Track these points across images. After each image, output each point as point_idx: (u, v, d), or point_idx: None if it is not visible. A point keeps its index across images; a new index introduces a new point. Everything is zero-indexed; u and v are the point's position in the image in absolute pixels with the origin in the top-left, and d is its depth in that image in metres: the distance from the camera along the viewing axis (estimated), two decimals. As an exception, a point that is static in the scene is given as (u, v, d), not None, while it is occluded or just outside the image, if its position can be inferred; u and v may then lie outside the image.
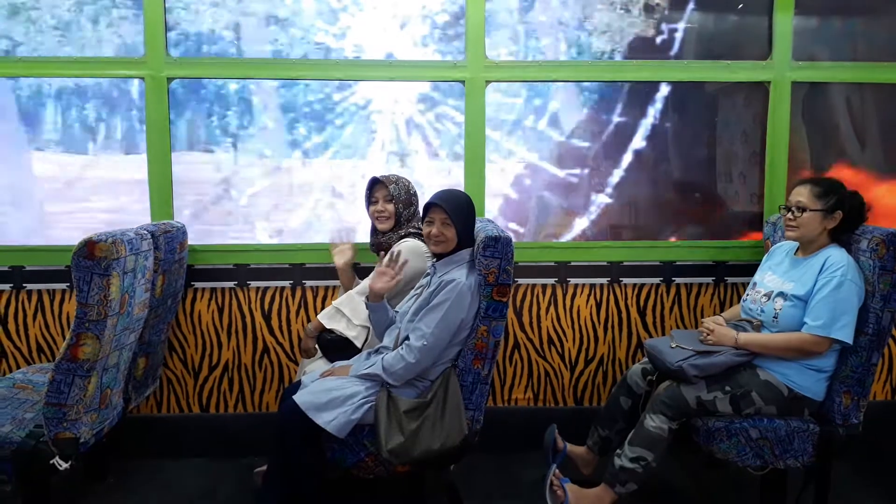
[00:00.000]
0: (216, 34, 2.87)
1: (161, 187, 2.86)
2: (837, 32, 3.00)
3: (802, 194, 2.34)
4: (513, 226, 3.01)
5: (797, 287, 2.30)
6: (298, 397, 2.14)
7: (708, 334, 2.35)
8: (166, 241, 2.53)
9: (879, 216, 2.86)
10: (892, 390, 3.07)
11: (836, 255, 2.27)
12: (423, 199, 2.70)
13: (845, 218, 2.32)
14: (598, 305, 2.99)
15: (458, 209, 2.21)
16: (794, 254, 2.44)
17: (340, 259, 2.70)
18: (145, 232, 2.40)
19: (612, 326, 3.00)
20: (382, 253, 2.43)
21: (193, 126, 2.95)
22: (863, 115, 3.05)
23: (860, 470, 2.79)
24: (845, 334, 2.20)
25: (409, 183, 2.59)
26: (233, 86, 2.91)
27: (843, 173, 3.04)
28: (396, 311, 2.34)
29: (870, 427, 2.43)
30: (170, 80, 2.82)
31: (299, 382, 2.33)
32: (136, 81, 2.88)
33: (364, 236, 2.72)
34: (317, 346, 2.53)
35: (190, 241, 2.82)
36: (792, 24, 2.89)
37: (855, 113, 3.04)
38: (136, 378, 2.56)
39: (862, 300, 2.23)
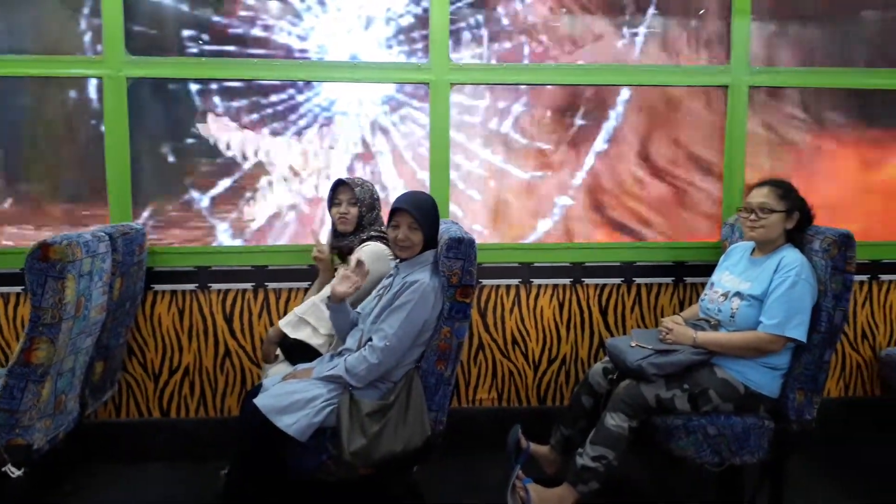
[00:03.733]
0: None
1: (120, 189, 2.81)
2: (794, 38, 3.06)
3: (765, 195, 2.39)
4: (477, 227, 3.02)
5: (753, 287, 2.36)
6: (259, 401, 2.12)
7: (667, 333, 2.39)
8: (124, 243, 2.49)
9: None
10: (846, 387, 3.16)
11: (790, 256, 2.33)
12: (386, 201, 2.72)
13: (800, 218, 2.38)
14: (561, 306, 3.02)
15: (424, 213, 2.21)
16: (751, 254, 2.49)
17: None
18: (103, 234, 2.36)
19: (575, 326, 3.03)
20: (345, 257, 2.41)
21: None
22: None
23: (814, 464, 2.86)
24: (799, 333, 2.25)
25: (373, 187, 2.59)
26: (194, 86, 2.86)
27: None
28: (359, 312, 2.34)
29: (824, 423, 2.49)
30: (129, 79, 2.78)
31: (261, 385, 2.31)
32: (93, 81, 2.82)
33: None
34: (279, 350, 2.51)
35: (149, 243, 2.78)
36: (749, 29, 2.96)
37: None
38: (94, 383, 2.51)
39: (815, 299, 2.30)
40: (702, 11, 3.00)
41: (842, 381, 3.16)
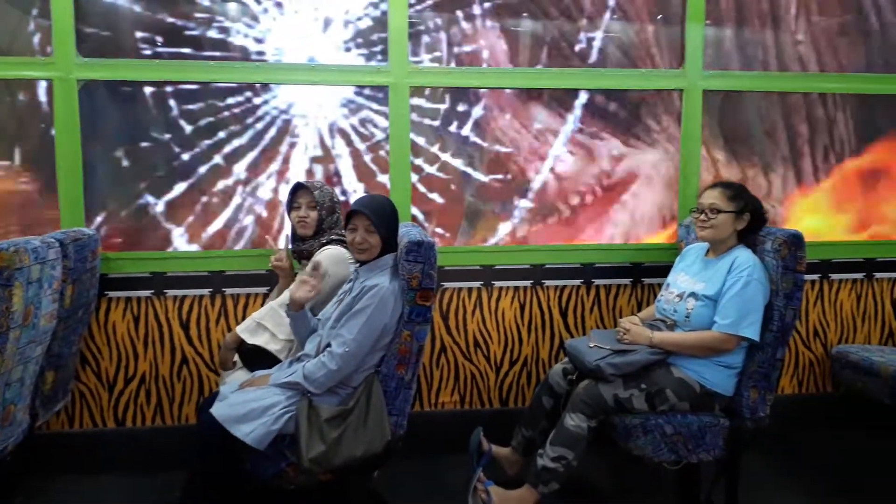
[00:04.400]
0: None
1: (72, 194, 2.75)
2: (748, 43, 3.13)
3: (715, 196, 2.45)
4: (438, 230, 3.02)
5: (707, 287, 2.40)
6: (216, 410, 2.08)
7: (624, 334, 2.43)
8: (76, 249, 2.43)
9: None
10: (799, 384, 3.24)
11: (742, 256, 2.37)
12: (346, 204, 2.71)
13: (752, 219, 2.43)
14: (522, 307, 3.04)
15: (381, 216, 2.19)
16: (705, 255, 2.54)
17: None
18: (53, 240, 2.30)
19: (536, 328, 3.05)
20: (305, 261, 2.39)
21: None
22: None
23: (769, 460, 2.93)
24: (752, 332, 2.30)
25: (333, 190, 2.57)
26: (148, 88, 2.80)
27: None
28: (319, 319, 2.32)
29: (778, 419, 2.55)
30: (79, 82, 2.72)
31: (217, 393, 2.27)
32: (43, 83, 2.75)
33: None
34: (236, 357, 2.48)
35: (103, 249, 2.72)
36: (703, 34, 3.02)
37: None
38: (44, 393, 2.45)
39: (767, 299, 2.35)
40: (659, 17, 3.04)
41: (795, 378, 3.23)
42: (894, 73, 3.22)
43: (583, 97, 3.04)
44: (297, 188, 2.52)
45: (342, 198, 2.89)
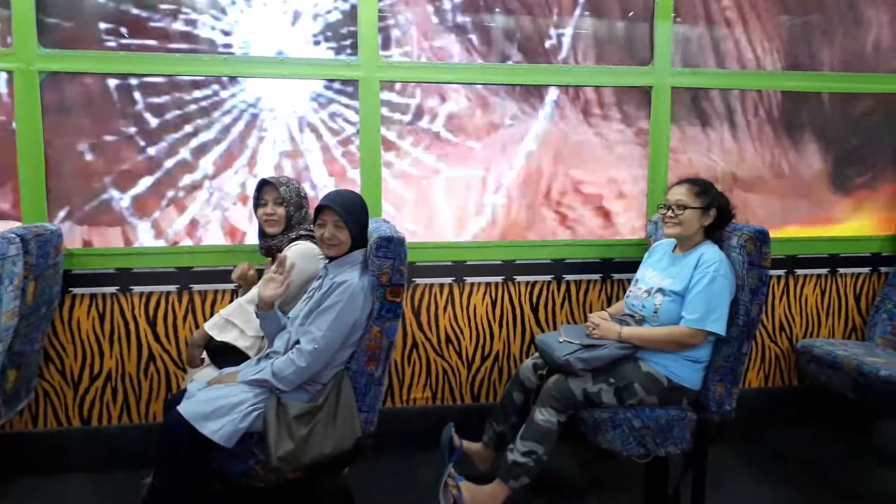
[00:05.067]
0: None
1: (34, 188, 2.69)
2: (718, 40, 3.16)
3: (682, 193, 2.47)
4: (410, 226, 3.01)
5: (675, 283, 2.42)
6: (183, 407, 2.06)
7: (594, 329, 2.44)
8: (38, 244, 2.38)
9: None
10: (766, 377, 3.29)
11: (709, 252, 2.40)
12: (315, 199, 2.68)
13: (718, 215, 2.46)
14: (494, 303, 3.04)
15: (350, 211, 2.18)
16: (672, 251, 2.56)
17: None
18: (13, 235, 2.25)
19: (507, 323, 3.06)
20: (270, 260, 2.36)
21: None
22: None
23: (736, 453, 2.98)
24: (719, 326, 2.33)
25: (300, 185, 2.54)
26: (112, 80, 2.75)
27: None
28: (289, 318, 2.29)
29: (745, 412, 2.59)
30: (41, 73, 2.65)
31: (185, 391, 2.24)
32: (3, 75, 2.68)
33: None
34: (204, 354, 2.45)
35: (67, 245, 2.67)
36: (671, 32, 3.04)
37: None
38: (6, 392, 2.40)
39: (733, 294, 2.38)
40: (630, 14, 3.06)
41: (762, 372, 3.29)
42: (861, 72, 3.28)
43: (553, 93, 3.05)
44: (263, 184, 2.49)
45: (311, 193, 2.86)
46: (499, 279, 3.03)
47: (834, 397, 3.07)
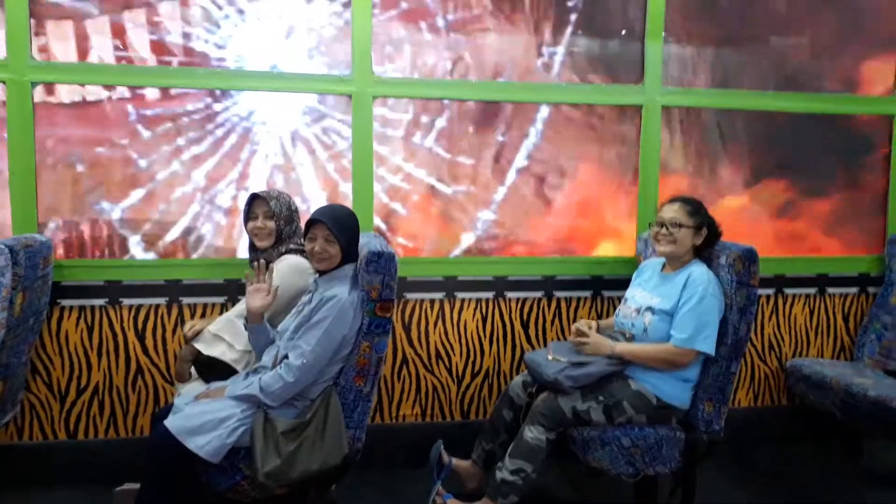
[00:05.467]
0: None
1: (24, 199, 2.68)
2: (708, 60, 3.19)
3: (675, 211, 2.48)
4: (401, 240, 3.01)
5: (664, 302, 2.43)
6: (170, 422, 2.04)
7: (583, 344, 2.44)
8: (27, 256, 2.37)
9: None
10: (755, 397, 3.29)
11: (698, 272, 2.41)
12: (306, 213, 2.68)
13: (707, 234, 2.48)
14: (484, 319, 3.04)
15: (341, 225, 2.18)
16: (661, 270, 2.57)
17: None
18: (2, 246, 2.24)
19: (498, 340, 3.06)
20: (253, 266, 2.35)
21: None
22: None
23: (725, 472, 2.97)
24: (708, 345, 2.34)
25: (291, 199, 2.54)
26: (104, 92, 2.75)
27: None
28: (277, 331, 2.29)
29: (735, 431, 2.59)
30: (33, 84, 2.66)
31: (172, 405, 2.23)
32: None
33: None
34: (192, 368, 2.43)
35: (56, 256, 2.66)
36: (662, 51, 3.07)
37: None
38: (-9, 404, 2.38)
39: (722, 313, 2.39)
40: (623, 32, 3.09)
41: (751, 391, 3.29)
42: (850, 94, 3.32)
43: (544, 111, 3.07)
44: (254, 198, 2.49)
45: (303, 206, 2.86)
46: (489, 295, 3.03)
47: (823, 417, 3.07)
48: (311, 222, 2.19)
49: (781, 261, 3.26)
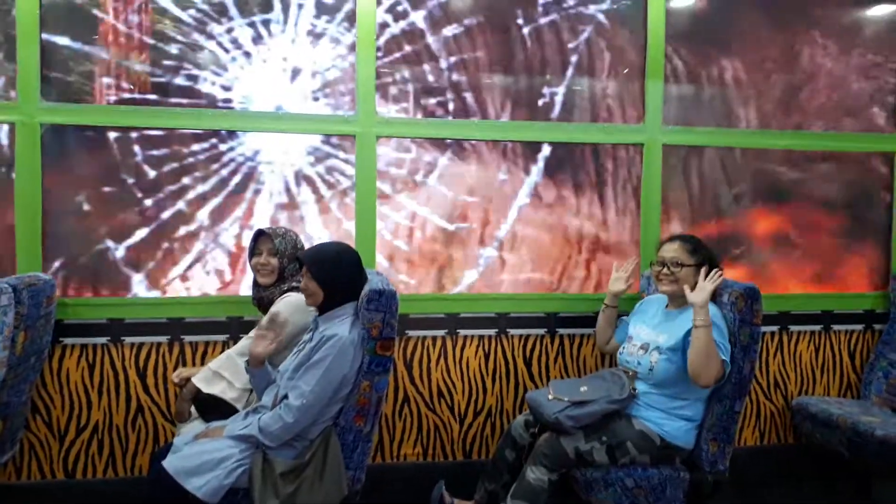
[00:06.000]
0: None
1: (30, 238, 2.71)
2: (709, 100, 3.23)
3: (675, 250, 2.49)
4: (403, 277, 3.02)
5: (669, 339, 2.42)
6: (168, 462, 2.03)
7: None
8: (30, 294, 2.38)
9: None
10: (761, 435, 3.25)
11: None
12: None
13: (709, 272, 2.47)
14: (487, 357, 3.03)
15: (317, 263, 2.20)
16: (666, 307, 2.56)
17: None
18: (5, 285, 2.25)
19: (500, 377, 3.04)
20: (264, 310, 2.36)
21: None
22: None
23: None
24: (726, 356, 2.29)
25: (297, 237, 2.56)
26: (112, 133, 2.80)
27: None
28: (278, 371, 2.28)
29: (741, 470, 2.55)
30: (42, 125, 2.70)
31: (171, 444, 2.21)
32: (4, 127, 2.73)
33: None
34: (192, 407, 2.42)
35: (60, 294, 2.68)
36: (662, 90, 3.11)
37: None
38: (-9, 444, 2.37)
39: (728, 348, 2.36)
40: (626, 70, 3.13)
41: (757, 429, 3.25)
42: (848, 132, 3.34)
43: (546, 150, 3.10)
44: (259, 234, 2.51)
45: (307, 244, 2.87)
46: (492, 332, 3.02)
47: (830, 456, 3.03)
48: (299, 260, 2.27)
49: (785, 297, 3.25)
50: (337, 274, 2.20)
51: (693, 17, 3.22)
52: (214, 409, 2.38)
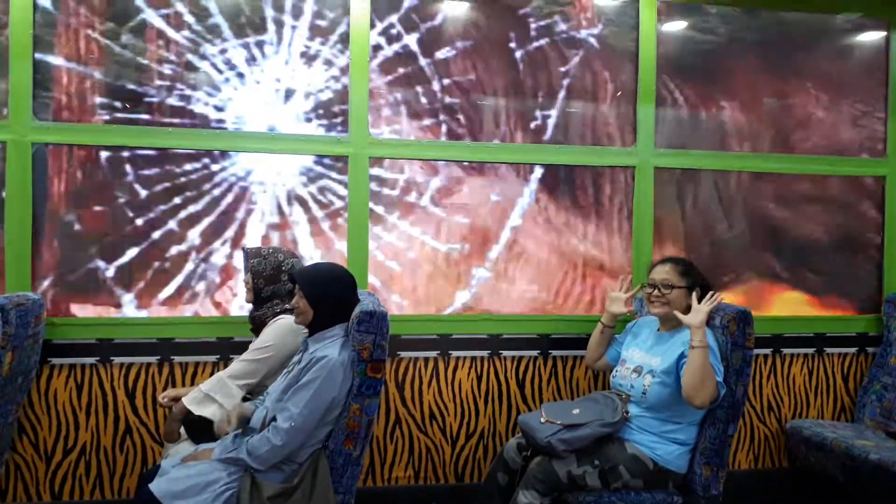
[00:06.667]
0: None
1: (19, 257, 2.69)
2: (700, 123, 3.25)
3: (667, 272, 2.49)
4: (395, 298, 3.01)
5: (662, 362, 2.40)
6: (155, 486, 2.00)
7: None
8: (18, 314, 2.36)
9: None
10: (755, 458, 3.23)
11: (695, 331, 2.39)
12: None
13: (701, 295, 2.47)
14: (479, 378, 3.01)
15: (309, 281, 2.19)
16: (658, 330, 2.56)
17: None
18: (-7, 306, 2.23)
19: (493, 399, 3.02)
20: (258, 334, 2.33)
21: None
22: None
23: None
24: (720, 378, 2.28)
25: (284, 260, 2.51)
26: (104, 153, 2.79)
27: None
28: (268, 393, 2.26)
29: (735, 494, 2.52)
30: (34, 145, 2.70)
31: (159, 466, 2.19)
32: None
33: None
34: (182, 428, 2.40)
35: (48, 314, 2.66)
36: (654, 113, 3.13)
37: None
38: (-25, 466, 2.33)
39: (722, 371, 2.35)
40: (619, 93, 3.15)
41: (751, 452, 3.23)
42: (843, 156, 3.36)
43: (538, 171, 3.10)
44: (244, 253, 2.52)
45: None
46: (485, 353, 3.01)
47: (825, 480, 3.01)
48: (294, 279, 2.26)
49: (778, 320, 3.24)
50: (328, 293, 2.19)
51: (683, 44, 3.26)
52: (204, 430, 2.35)
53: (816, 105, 3.37)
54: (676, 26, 3.23)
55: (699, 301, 2.42)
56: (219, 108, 2.88)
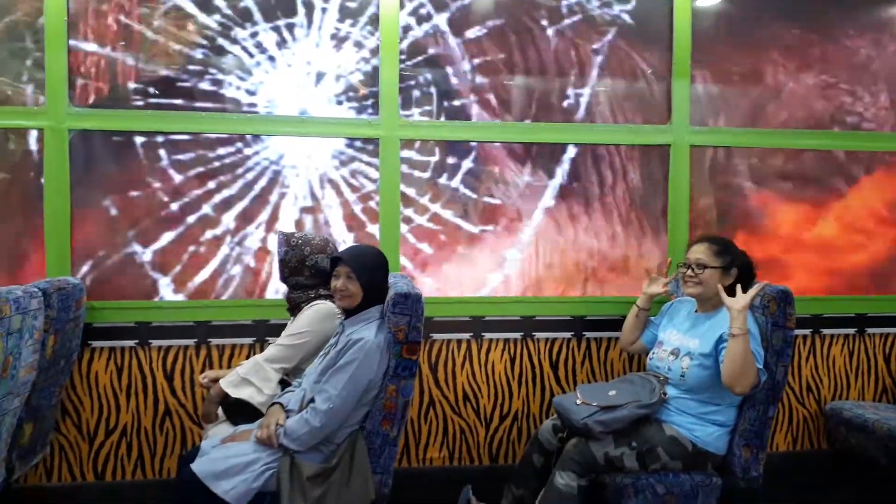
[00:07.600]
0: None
1: (59, 243, 2.74)
2: (737, 99, 3.18)
3: (701, 252, 2.44)
4: (428, 280, 3.01)
5: (702, 345, 2.37)
6: (196, 465, 2.03)
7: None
8: (60, 298, 2.41)
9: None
10: (793, 441, 3.18)
11: (733, 311, 2.34)
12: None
13: (740, 274, 2.42)
14: (512, 360, 3.00)
15: (361, 264, 2.19)
16: (695, 311, 2.52)
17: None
18: (35, 290, 2.27)
19: (526, 381, 3.01)
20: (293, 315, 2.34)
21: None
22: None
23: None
24: (760, 363, 2.24)
25: (311, 252, 2.46)
26: (139, 138, 2.82)
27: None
28: (305, 375, 2.28)
29: (773, 476, 2.49)
30: (70, 131, 2.73)
31: (199, 447, 2.22)
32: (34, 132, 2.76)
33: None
34: (220, 410, 2.43)
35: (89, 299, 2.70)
36: (689, 90, 3.06)
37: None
38: (22, 446, 2.39)
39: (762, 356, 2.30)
40: (650, 71, 3.10)
41: (790, 434, 3.18)
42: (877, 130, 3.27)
43: (571, 151, 3.06)
44: (278, 238, 2.54)
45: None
46: (517, 335, 3.00)
47: (866, 462, 2.95)
48: (335, 260, 2.22)
49: (818, 300, 3.18)
50: (377, 277, 2.20)
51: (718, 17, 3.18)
52: (241, 412, 2.38)
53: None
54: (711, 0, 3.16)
55: (736, 282, 2.38)
56: (250, 93, 2.88)
